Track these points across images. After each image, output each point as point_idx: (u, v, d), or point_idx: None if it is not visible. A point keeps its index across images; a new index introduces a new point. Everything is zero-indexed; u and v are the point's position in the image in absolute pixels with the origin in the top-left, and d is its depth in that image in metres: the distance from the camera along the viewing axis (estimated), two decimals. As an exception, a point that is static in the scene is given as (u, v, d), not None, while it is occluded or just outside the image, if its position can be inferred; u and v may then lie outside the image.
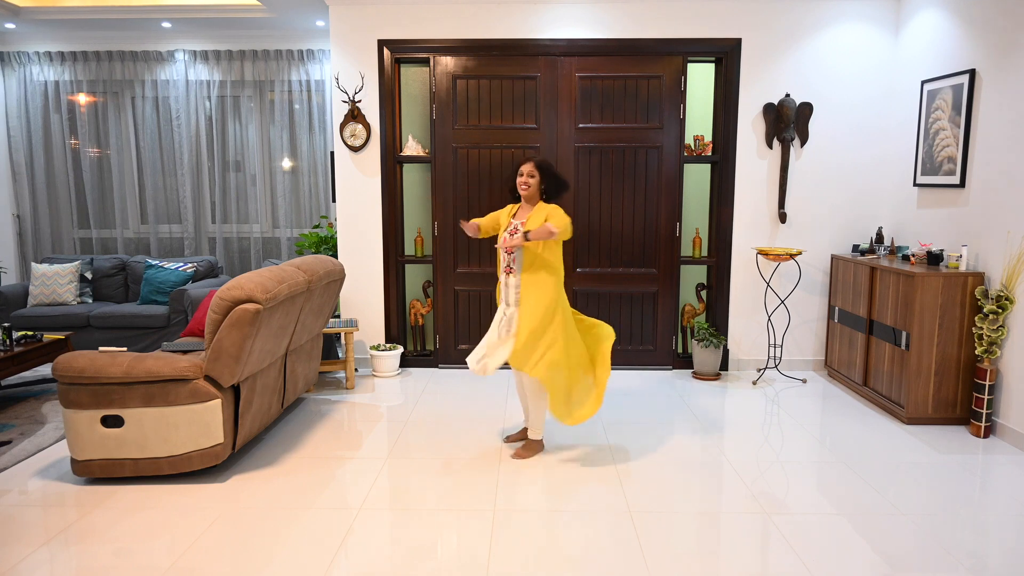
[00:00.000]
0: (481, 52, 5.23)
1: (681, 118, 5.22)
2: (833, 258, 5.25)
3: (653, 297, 5.42)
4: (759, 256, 5.23)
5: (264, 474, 3.54)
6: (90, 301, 6.17)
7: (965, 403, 4.22)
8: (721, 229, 5.35)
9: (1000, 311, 3.90)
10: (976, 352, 4.08)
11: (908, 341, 4.23)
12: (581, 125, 5.27)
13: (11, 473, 3.55)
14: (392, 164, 5.35)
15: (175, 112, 6.58)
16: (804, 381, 5.18)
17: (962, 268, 4.19)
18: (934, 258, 4.39)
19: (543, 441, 3.86)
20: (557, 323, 3.54)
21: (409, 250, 5.63)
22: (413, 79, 5.48)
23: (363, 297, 5.49)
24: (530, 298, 3.54)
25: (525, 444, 3.78)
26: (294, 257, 6.33)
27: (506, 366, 3.97)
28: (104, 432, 3.32)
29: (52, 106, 6.67)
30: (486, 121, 5.30)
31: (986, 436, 4.04)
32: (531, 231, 3.48)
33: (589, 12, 5.16)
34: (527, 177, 3.64)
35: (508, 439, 3.97)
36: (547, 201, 3.69)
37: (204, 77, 6.55)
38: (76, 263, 6.13)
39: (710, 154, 5.36)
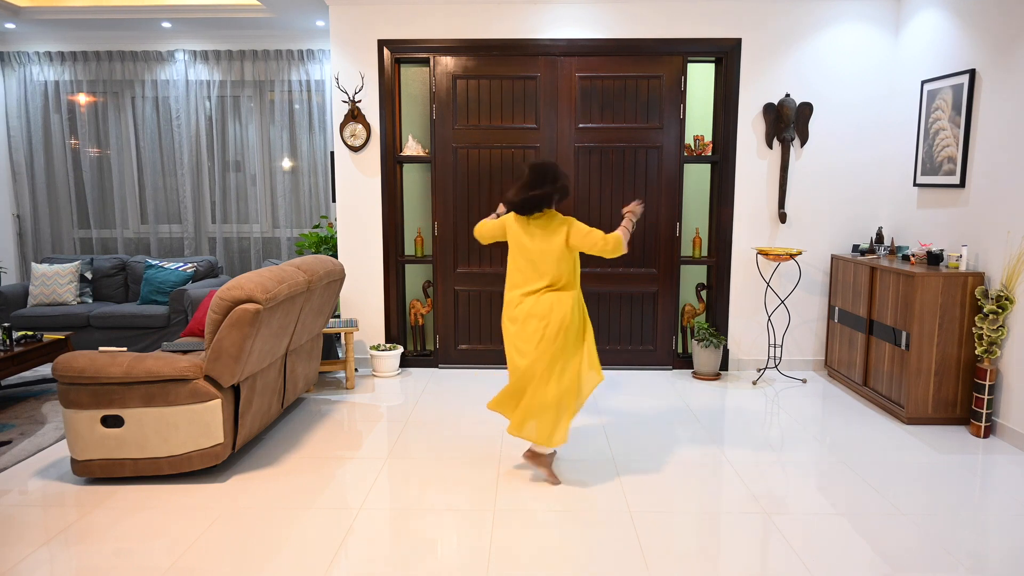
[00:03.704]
0: (481, 52, 5.23)
1: (681, 118, 5.22)
2: (833, 258, 5.25)
3: (653, 297, 5.42)
4: (759, 256, 5.23)
5: (264, 474, 3.54)
6: (90, 301, 6.17)
7: (965, 403, 4.22)
8: (721, 229, 5.35)
9: (1000, 311, 3.90)
10: (976, 352, 4.08)
11: (908, 341, 4.23)
12: (581, 125, 5.27)
13: (11, 473, 3.55)
14: (392, 164, 5.35)
15: (175, 112, 6.58)
16: (804, 381, 5.18)
17: (962, 268, 4.19)
18: (934, 258, 4.39)
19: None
20: (573, 339, 3.39)
21: (409, 250, 5.63)
22: (413, 79, 5.49)
23: (363, 297, 5.49)
24: (558, 312, 3.34)
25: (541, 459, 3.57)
26: (294, 257, 6.33)
27: None
28: (104, 432, 3.32)
29: (52, 106, 6.68)
30: (486, 121, 5.30)
31: (986, 436, 4.04)
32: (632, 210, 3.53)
33: (589, 12, 5.16)
34: None
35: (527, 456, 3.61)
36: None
37: (204, 77, 6.55)
38: (76, 263, 6.13)
39: (710, 154, 5.36)
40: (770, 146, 5.23)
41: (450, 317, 5.51)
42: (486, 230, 3.61)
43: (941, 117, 4.54)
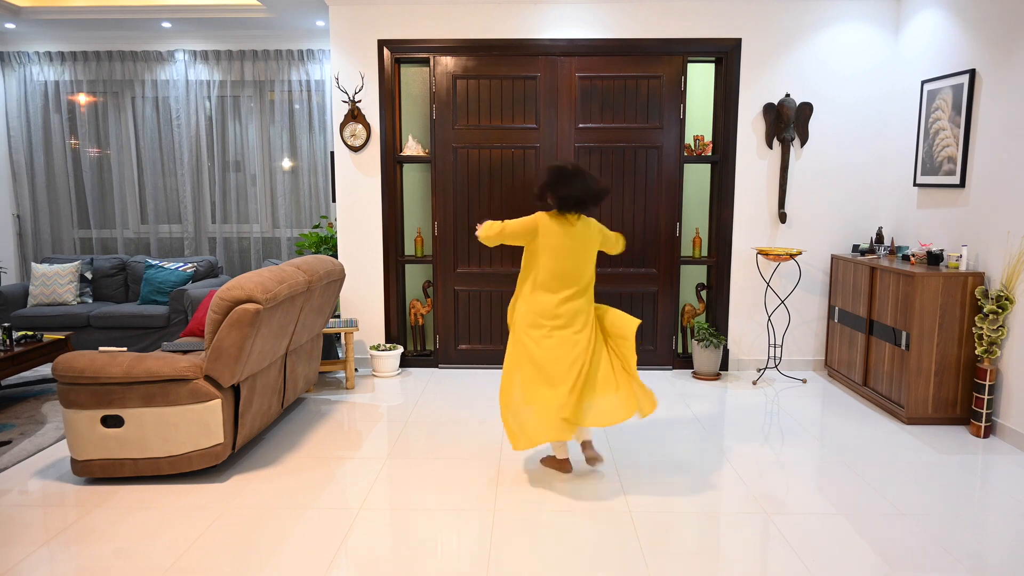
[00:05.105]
0: (481, 52, 5.23)
1: (681, 118, 5.22)
2: (833, 258, 5.25)
3: (653, 297, 5.42)
4: (759, 256, 5.23)
5: (264, 474, 3.54)
6: (90, 301, 6.17)
7: (965, 403, 4.22)
8: (721, 229, 5.35)
9: (1000, 311, 3.90)
10: (976, 352, 4.08)
11: (908, 341, 4.23)
12: (581, 125, 5.27)
13: (11, 473, 3.55)
14: (392, 164, 5.35)
15: (175, 112, 6.58)
16: (804, 381, 5.18)
17: (962, 268, 4.19)
18: (934, 258, 4.39)
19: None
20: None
21: (409, 250, 5.63)
22: (413, 79, 5.49)
23: (363, 297, 5.49)
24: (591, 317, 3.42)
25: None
26: (294, 257, 6.33)
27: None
28: (104, 432, 3.32)
29: (52, 106, 6.68)
30: (486, 121, 5.30)
31: (986, 436, 4.04)
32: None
33: (589, 12, 5.16)
34: None
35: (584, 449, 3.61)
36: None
37: (204, 77, 6.55)
38: (76, 263, 6.13)
39: (710, 154, 5.36)
40: (770, 146, 5.23)
41: (450, 317, 5.51)
42: (509, 231, 3.29)
43: (941, 117, 4.54)
